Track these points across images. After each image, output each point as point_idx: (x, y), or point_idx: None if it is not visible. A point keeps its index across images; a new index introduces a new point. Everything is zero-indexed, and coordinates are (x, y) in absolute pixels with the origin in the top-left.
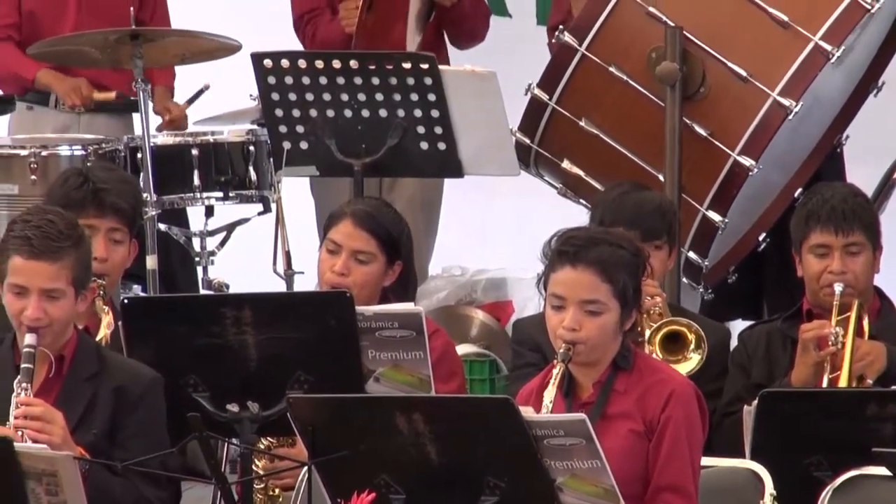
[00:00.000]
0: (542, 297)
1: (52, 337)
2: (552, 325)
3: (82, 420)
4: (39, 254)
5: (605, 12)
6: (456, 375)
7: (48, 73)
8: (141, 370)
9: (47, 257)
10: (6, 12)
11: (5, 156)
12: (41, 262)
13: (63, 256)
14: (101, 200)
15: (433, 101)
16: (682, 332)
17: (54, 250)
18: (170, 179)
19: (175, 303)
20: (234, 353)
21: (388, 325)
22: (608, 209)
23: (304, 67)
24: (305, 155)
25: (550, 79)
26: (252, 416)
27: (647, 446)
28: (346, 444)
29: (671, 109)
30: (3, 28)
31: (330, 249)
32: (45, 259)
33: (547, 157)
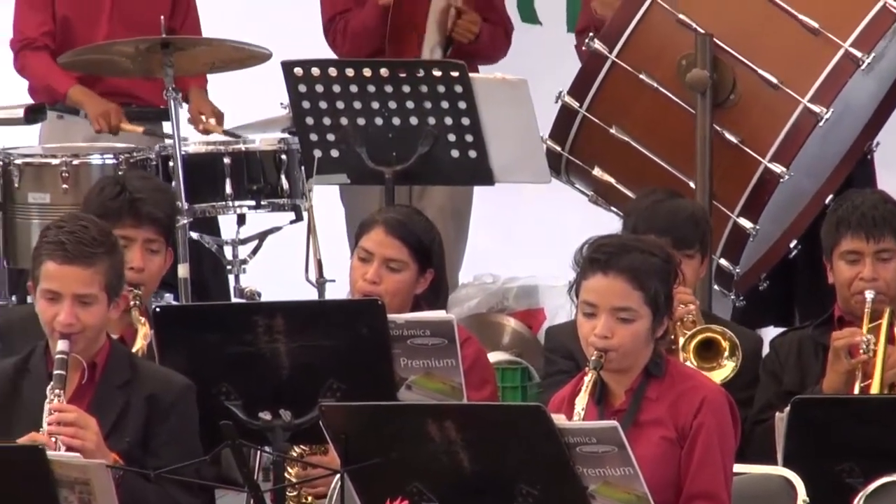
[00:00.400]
0: (573, 304)
1: (85, 343)
2: (584, 332)
3: (115, 427)
4: (73, 259)
5: (635, 20)
6: (488, 383)
7: (80, 90)
8: (173, 378)
9: (80, 262)
10: (42, 20)
11: (37, 165)
12: (74, 266)
13: (96, 262)
14: (137, 210)
15: (464, 108)
16: (716, 340)
17: (88, 255)
18: (201, 188)
19: (207, 311)
20: (266, 361)
21: (420, 333)
22: (641, 217)
23: (335, 75)
24: (336, 163)
25: (581, 86)
26: (284, 424)
27: (679, 453)
28: (379, 451)
29: (702, 116)
30: (39, 36)
31: (362, 257)
32: (79, 264)
33: (578, 164)
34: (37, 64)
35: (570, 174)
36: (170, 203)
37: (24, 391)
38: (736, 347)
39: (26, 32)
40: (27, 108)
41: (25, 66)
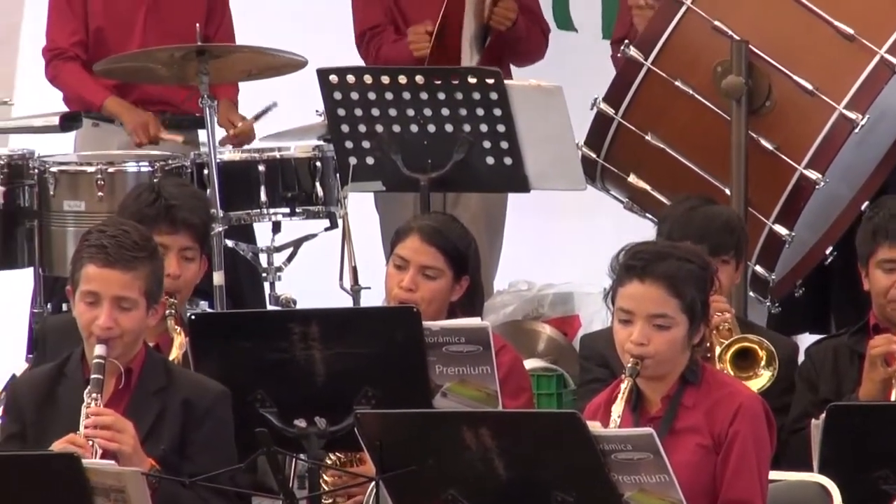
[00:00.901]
0: (609, 311)
1: (122, 349)
2: (620, 339)
3: (151, 433)
4: (114, 262)
5: (670, 27)
6: (524, 391)
7: (116, 102)
8: (208, 384)
9: (121, 266)
10: (74, 30)
11: (72, 172)
12: (115, 270)
13: (137, 266)
14: (173, 217)
15: (499, 115)
16: (752, 349)
17: (128, 259)
18: (237, 195)
19: (242, 318)
20: (301, 368)
21: (455, 341)
22: (676, 224)
23: (370, 83)
24: (372, 170)
25: (616, 93)
26: (319, 431)
27: (714, 461)
28: (414, 459)
29: (737, 123)
30: (70, 46)
31: (397, 265)
32: (119, 268)
33: (613, 171)
34: (69, 74)
35: (606, 181)
36: (205, 210)
37: (60, 396)
38: (773, 357)
39: (57, 42)
40: (62, 115)
41: (57, 76)
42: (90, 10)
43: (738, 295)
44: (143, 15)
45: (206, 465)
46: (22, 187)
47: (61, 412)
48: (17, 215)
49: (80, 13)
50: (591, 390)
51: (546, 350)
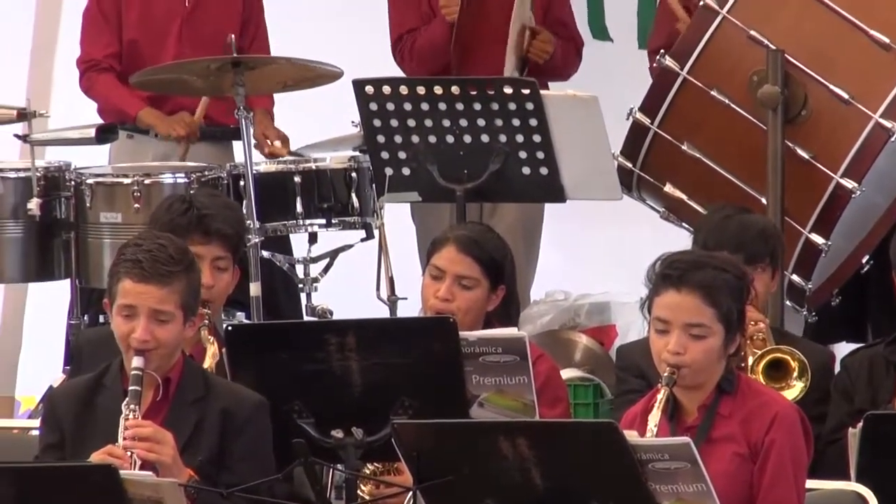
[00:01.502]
0: (645, 320)
1: (159, 361)
2: (656, 348)
3: (189, 443)
4: (149, 277)
5: (706, 36)
6: (560, 400)
7: (150, 112)
8: (247, 394)
9: (157, 281)
10: (108, 42)
11: (109, 184)
12: (150, 285)
13: (173, 281)
14: (206, 226)
15: (535, 125)
16: (785, 360)
17: (164, 274)
18: (273, 207)
19: (279, 329)
20: (338, 379)
21: (492, 351)
22: (711, 233)
23: (406, 93)
24: (407, 181)
25: (652, 103)
26: (357, 441)
27: (751, 469)
28: (451, 469)
29: (773, 132)
30: (105, 58)
31: (433, 275)
32: (155, 282)
33: (649, 180)
34: (103, 85)
35: (642, 190)
36: (238, 220)
37: (99, 407)
38: (805, 368)
39: (92, 54)
40: (99, 127)
41: (91, 87)
42: (125, 21)
43: (775, 304)
44: (177, 26)
45: (244, 476)
46: (59, 199)
47: (100, 422)
48: (53, 227)
49: (115, 25)
50: (628, 401)
51: (583, 360)
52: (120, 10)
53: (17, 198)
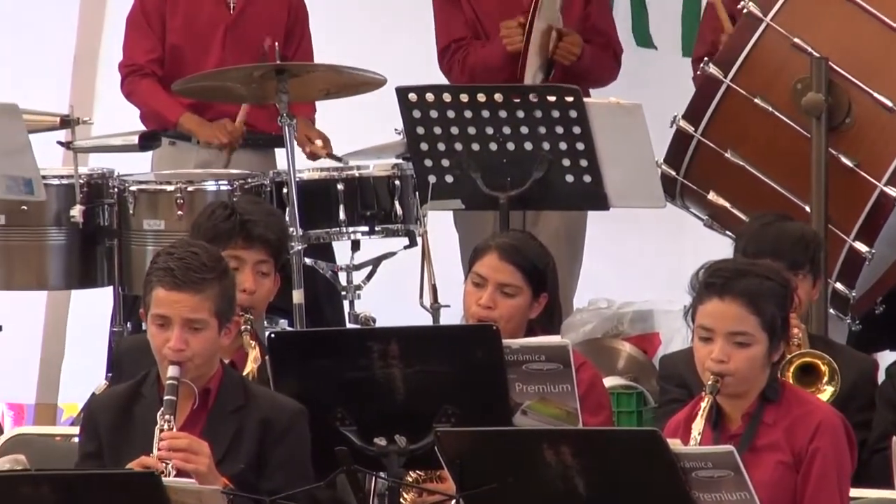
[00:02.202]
0: (689, 328)
1: (196, 371)
2: (700, 356)
3: (228, 452)
4: (181, 285)
5: (749, 43)
6: (603, 408)
7: (191, 118)
8: (286, 403)
9: (189, 288)
10: (151, 47)
11: (151, 191)
12: (183, 293)
13: (206, 288)
14: (248, 232)
15: (578, 133)
16: (815, 364)
17: (196, 281)
18: (316, 214)
19: (322, 337)
20: (380, 386)
21: (535, 358)
22: (751, 240)
23: (449, 101)
24: (451, 188)
25: (696, 110)
26: (399, 449)
27: (795, 478)
28: (494, 477)
29: (817, 140)
30: (147, 63)
31: (476, 283)
32: (187, 290)
33: (693, 188)
34: (144, 91)
35: (685, 198)
36: (280, 226)
37: (137, 415)
38: (835, 373)
39: (134, 58)
40: (142, 134)
41: (133, 91)
42: (169, 26)
43: (818, 312)
44: (221, 33)
45: (284, 484)
46: (102, 206)
47: (137, 431)
48: (96, 234)
49: (158, 30)
50: (670, 411)
51: (626, 368)
52: (164, 15)
53: (60, 205)
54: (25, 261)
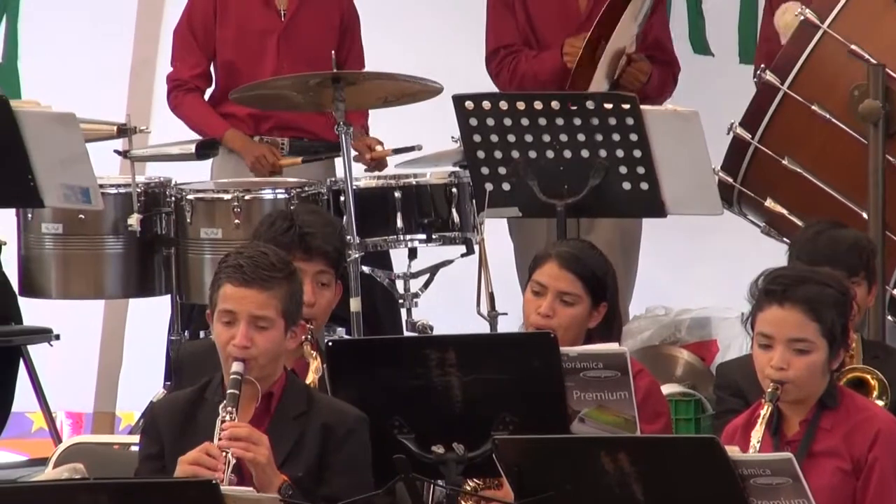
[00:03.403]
0: (747, 335)
1: (259, 371)
2: (760, 364)
3: (289, 457)
4: (250, 281)
5: (806, 51)
6: (661, 416)
7: (235, 135)
8: (348, 410)
9: (257, 285)
10: (196, 62)
11: (209, 200)
12: (251, 289)
13: (274, 286)
14: (308, 244)
15: (635, 140)
16: (865, 379)
17: (265, 279)
18: (373, 222)
19: (379, 345)
20: (438, 394)
21: (593, 366)
22: (804, 248)
23: (506, 109)
24: (508, 196)
25: (753, 118)
26: (458, 457)
27: (854, 484)
28: (552, 484)
29: (874, 147)
30: (192, 78)
31: (535, 291)
32: (256, 287)
33: (750, 195)
34: (189, 106)
35: (743, 205)
36: (339, 237)
37: (200, 420)
38: (885, 388)
39: (180, 73)
40: (199, 143)
41: (178, 105)
42: (220, 39)
43: (876, 318)
44: (275, 43)
45: (343, 490)
46: (159, 215)
47: (200, 435)
48: (154, 243)
49: (206, 45)
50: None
51: (684, 375)
52: (212, 28)
53: (118, 213)
54: (83, 270)
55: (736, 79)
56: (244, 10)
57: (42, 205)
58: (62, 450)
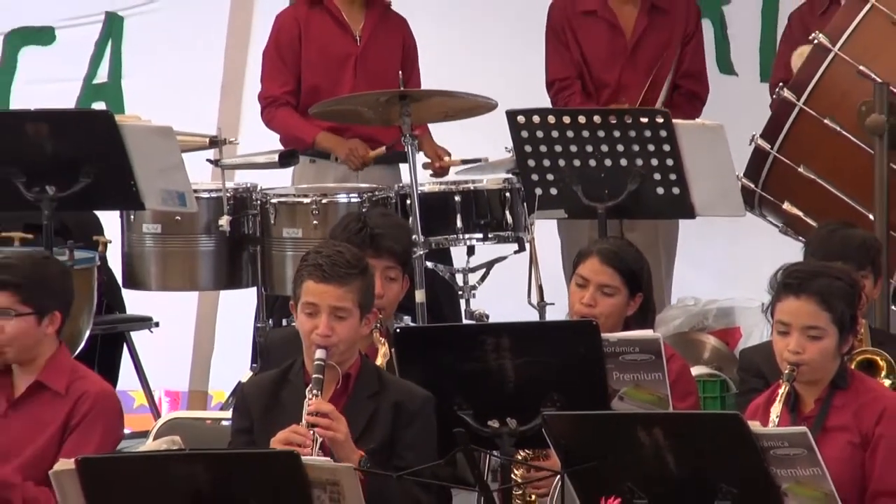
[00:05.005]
0: (768, 323)
1: (339, 356)
2: (778, 348)
3: (364, 431)
4: (329, 278)
5: (819, 71)
6: (691, 394)
7: (327, 136)
8: (416, 390)
9: (336, 281)
10: (285, 81)
11: (290, 203)
12: (330, 285)
13: (350, 281)
14: (378, 244)
15: (668, 151)
16: (874, 360)
17: (342, 275)
18: (436, 223)
19: (442, 332)
20: (493, 375)
21: (630, 350)
22: (819, 245)
23: (553, 122)
24: (555, 200)
25: (772, 130)
26: (511, 431)
27: (862, 455)
28: (595, 455)
29: (879, 156)
30: (282, 95)
31: (579, 283)
32: (334, 283)
33: (769, 199)
34: (282, 119)
35: (763, 208)
36: (406, 237)
37: (284, 398)
38: (892, 367)
39: (271, 91)
40: (281, 153)
41: (272, 119)
42: (305, 61)
43: (881, 308)
44: (352, 65)
45: (412, 462)
46: (246, 216)
47: (285, 412)
48: (241, 241)
49: (293, 65)
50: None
51: (710, 358)
52: (297, 51)
53: (210, 215)
54: (179, 265)
55: (757, 96)
56: (325, 35)
57: (143, 208)
58: (161, 424)
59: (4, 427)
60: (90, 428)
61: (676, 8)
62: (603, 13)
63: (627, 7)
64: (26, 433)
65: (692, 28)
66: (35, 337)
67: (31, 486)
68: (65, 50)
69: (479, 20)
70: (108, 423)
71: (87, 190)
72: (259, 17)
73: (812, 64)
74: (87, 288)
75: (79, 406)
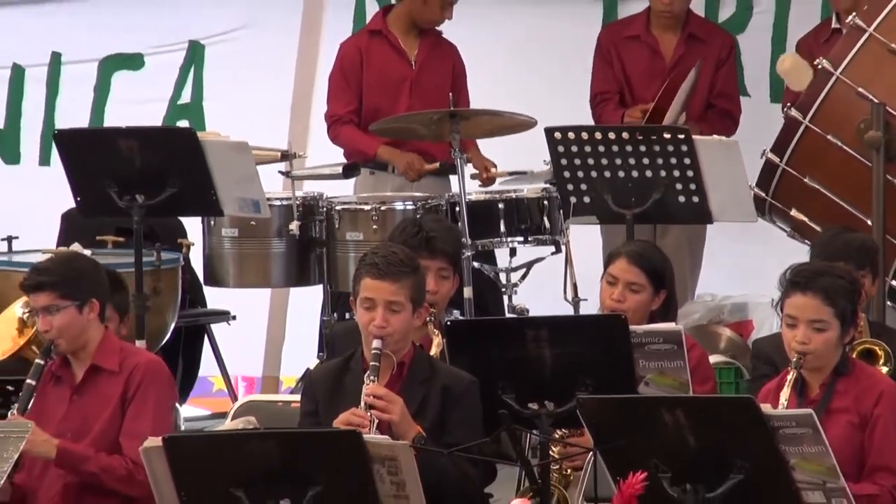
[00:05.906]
0: (778, 317)
1: (394, 345)
2: (787, 339)
3: (417, 414)
4: (384, 275)
5: (823, 92)
6: (709, 380)
7: (387, 149)
8: (462, 375)
9: (390, 278)
10: (349, 100)
11: (353, 210)
12: (385, 281)
13: (403, 278)
14: (432, 245)
15: (688, 163)
16: (873, 349)
17: (396, 273)
18: (481, 227)
19: (488, 324)
20: (533, 363)
21: (655, 341)
22: (823, 247)
23: (587, 138)
24: (587, 207)
25: (781, 145)
26: (548, 412)
27: (861, 435)
28: (623, 434)
29: (877, 169)
30: (346, 114)
31: (609, 281)
32: (389, 279)
33: (778, 206)
34: (346, 134)
35: (773, 215)
36: (457, 239)
37: (346, 384)
38: (889, 356)
39: (336, 110)
40: (344, 166)
41: (337, 136)
42: (365, 82)
43: (878, 304)
44: (408, 87)
45: (460, 439)
46: (314, 222)
47: (346, 395)
48: (309, 244)
49: (355, 87)
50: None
51: (726, 348)
52: (359, 74)
53: (281, 221)
54: (254, 264)
55: (768, 114)
56: (384, 61)
57: (222, 214)
58: (238, 406)
59: (73, 411)
60: (145, 395)
61: (712, 38)
62: (646, 38)
63: (668, 35)
64: (92, 412)
65: (725, 54)
66: (80, 325)
67: (104, 456)
68: (153, 74)
69: (522, 46)
70: (159, 389)
71: (173, 198)
72: (325, 46)
73: (817, 86)
74: (172, 285)
75: (132, 378)
